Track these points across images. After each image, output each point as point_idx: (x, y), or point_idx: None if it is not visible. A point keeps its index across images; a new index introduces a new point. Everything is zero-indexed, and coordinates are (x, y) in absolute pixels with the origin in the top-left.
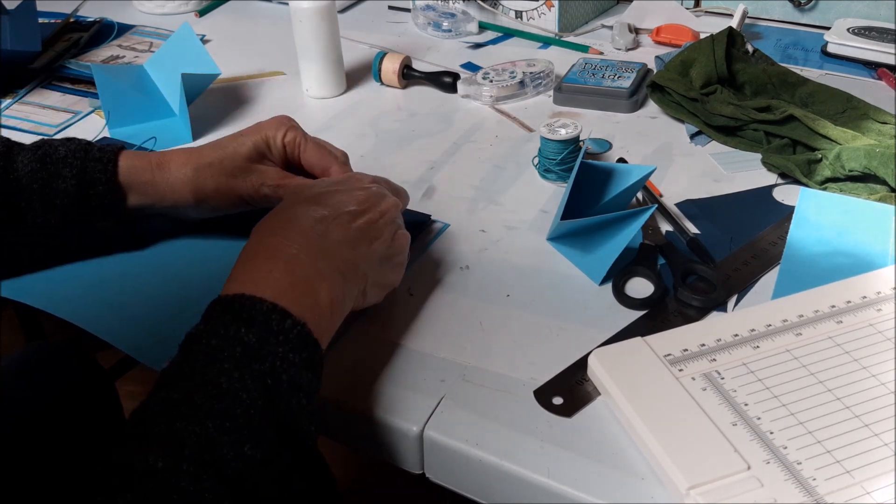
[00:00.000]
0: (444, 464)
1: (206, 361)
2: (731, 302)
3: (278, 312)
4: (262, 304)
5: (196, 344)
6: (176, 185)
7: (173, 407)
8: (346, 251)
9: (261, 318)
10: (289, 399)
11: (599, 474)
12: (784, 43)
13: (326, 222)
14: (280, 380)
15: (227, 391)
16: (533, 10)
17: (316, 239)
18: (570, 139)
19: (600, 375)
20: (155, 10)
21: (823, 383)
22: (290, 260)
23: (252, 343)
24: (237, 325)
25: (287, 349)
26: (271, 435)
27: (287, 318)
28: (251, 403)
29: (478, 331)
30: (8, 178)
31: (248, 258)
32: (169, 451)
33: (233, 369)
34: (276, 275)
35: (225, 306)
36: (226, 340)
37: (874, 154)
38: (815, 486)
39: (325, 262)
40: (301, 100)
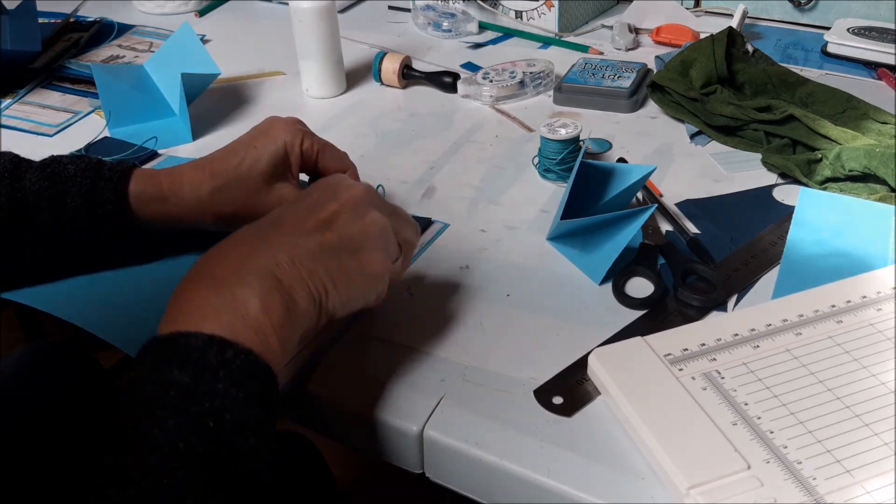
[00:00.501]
0: (444, 464)
1: (139, 413)
2: (731, 302)
3: (216, 344)
4: (196, 338)
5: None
6: (191, 209)
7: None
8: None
9: (196, 354)
10: (234, 440)
11: (599, 474)
12: (784, 43)
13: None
14: (223, 420)
15: (162, 445)
16: (533, 10)
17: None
18: (570, 139)
19: (600, 375)
20: (155, 10)
21: (823, 383)
22: (220, 282)
23: (187, 384)
24: (169, 366)
25: (228, 384)
26: (215, 488)
27: (227, 349)
28: (189, 453)
29: (478, 331)
30: (15, 197)
31: (176, 293)
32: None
33: (167, 417)
34: (202, 303)
35: (157, 348)
36: (158, 385)
37: (874, 154)
38: (815, 485)
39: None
40: (301, 100)
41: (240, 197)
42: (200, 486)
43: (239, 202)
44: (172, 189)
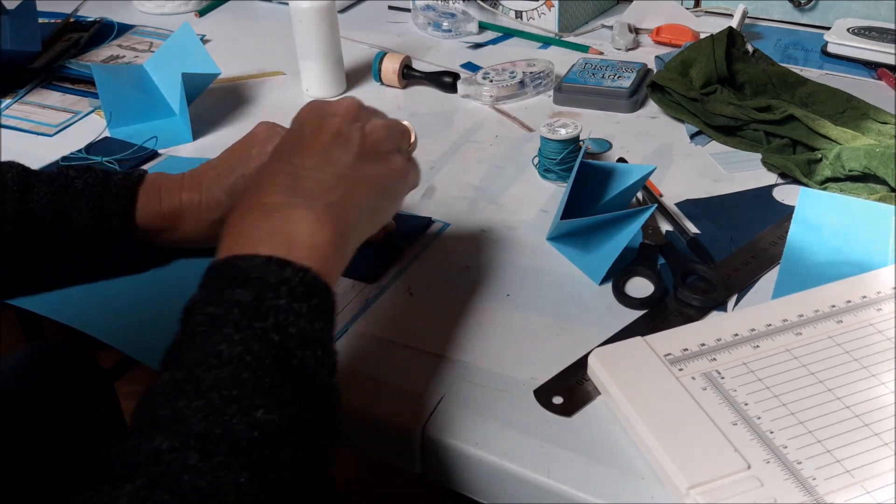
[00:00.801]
0: (444, 464)
1: (204, 332)
2: (731, 302)
3: (274, 263)
4: (255, 259)
5: (193, 315)
6: (191, 236)
7: (176, 386)
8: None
9: (256, 273)
10: (301, 353)
11: (599, 474)
12: (784, 43)
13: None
14: (288, 333)
15: (230, 358)
16: (533, 10)
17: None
18: (570, 139)
19: (600, 375)
20: (155, 10)
21: (823, 383)
22: (271, 209)
23: (249, 301)
24: (230, 287)
25: (290, 300)
26: (287, 395)
27: (286, 268)
28: (257, 365)
29: (478, 331)
30: (22, 211)
31: (229, 220)
32: (174, 431)
33: (233, 333)
34: (257, 227)
35: (217, 270)
36: (221, 305)
37: (874, 154)
38: (815, 485)
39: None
40: (301, 100)
41: None
42: (270, 395)
43: None
44: (173, 215)
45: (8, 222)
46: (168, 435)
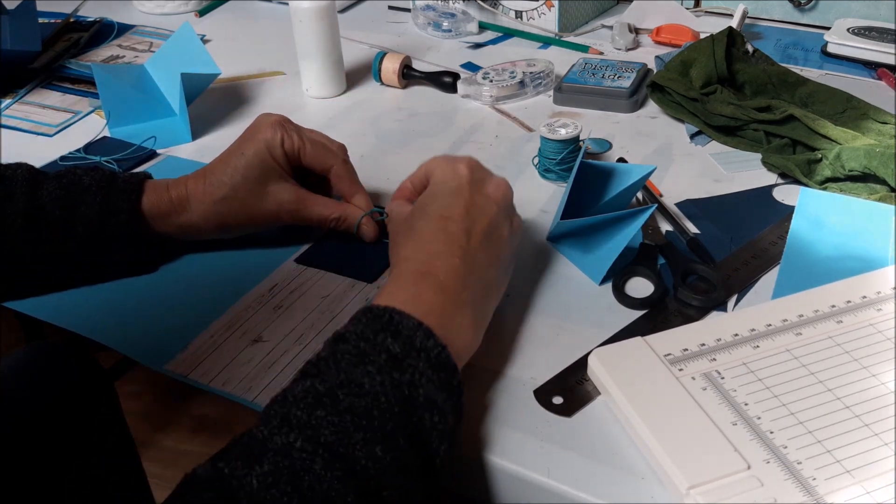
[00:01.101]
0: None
1: (351, 361)
2: (731, 302)
3: (423, 330)
4: (409, 319)
5: (344, 343)
6: (198, 224)
7: (316, 396)
8: (483, 273)
9: (406, 332)
10: (422, 413)
11: (599, 474)
12: (784, 43)
13: (460, 242)
14: (417, 392)
15: (369, 392)
16: (533, 10)
17: (458, 265)
18: (570, 139)
19: (600, 375)
20: (155, 10)
21: (823, 383)
22: (437, 286)
23: (396, 353)
24: (384, 333)
25: (426, 365)
26: (402, 443)
27: (430, 338)
28: (388, 408)
29: None
30: (32, 206)
31: (400, 279)
32: (308, 435)
33: (375, 373)
34: (424, 298)
35: (376, 315)
36: (373, 345)
37: (874, 154)
38: (815, 485)
39: (467, 290)
40: (301, 100)
41: (239, 206)
42: (390, 439)
43: (239, 211)
44: (180, 202)
45: (18, 217)
46: (301, 435)
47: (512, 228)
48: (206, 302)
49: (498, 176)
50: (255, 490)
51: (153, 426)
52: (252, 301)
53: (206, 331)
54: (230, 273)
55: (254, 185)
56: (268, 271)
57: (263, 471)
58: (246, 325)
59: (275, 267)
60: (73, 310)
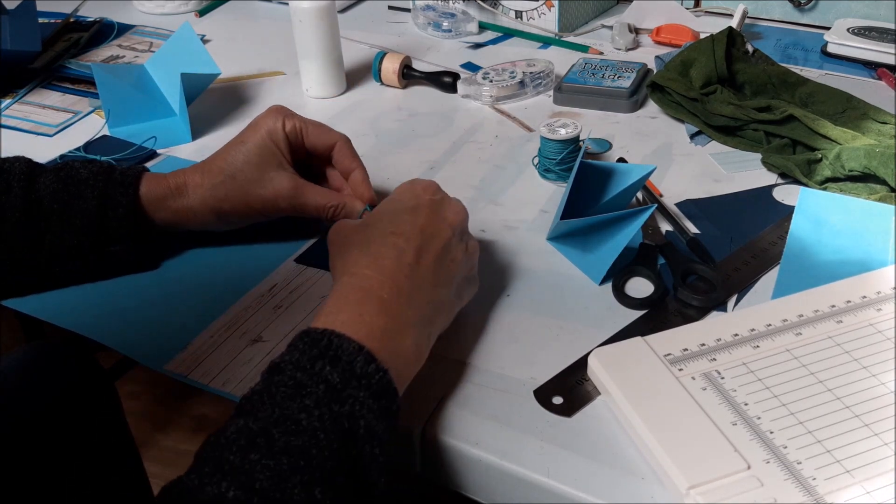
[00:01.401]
0: (444, 463)
1: (287, 395)
2: (731, 302)
3: (364, 355)
4: (349, 343)
5: (280, 374)
6: (195, 209)
7: (250, 438)
8: (430, 294)
9: (346, 357)
10: (362, 446)
11: (599, 474)
12: (784, 43)
13: (409, 260)
14: (357, 425)
15: (306, 429)
16: (533, 10)
17: (404, 284)
18: (570, 139)
19: (600, 375)
20: (155, 10)
21: (823, 383)
22: (381, 305)
23: (335, 383)
24: (322, 361)
25: (367, 395)
26: (342, 481)
27: (371, 363)
28: (327, 445)
29: (478, 331)
30: (29, 199)
31: (342, 295)
32: (241, 482)
33: (313, 407)
34: (366, 318)
35: (314, 340)
36: (310, 376)
37: (874, 154)
38: (815, 485)
39: (413, 310)
40: (301, 100)
41: (236, 192)
42: (329, 479)
43: (236, 198)
44: (178, 189)
45: (16, 211)
46: (234, 483)
47: (467, 252)
48: (205, 302)
49: (455, 199)
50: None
51: (153, 426)
52: (252, 301)
53: (205, 331)
54: (230, 273)
55: (252, 170)
56: (268, 271)
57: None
58: (246, 325)
59: (275, 267)
60: (72, 310)
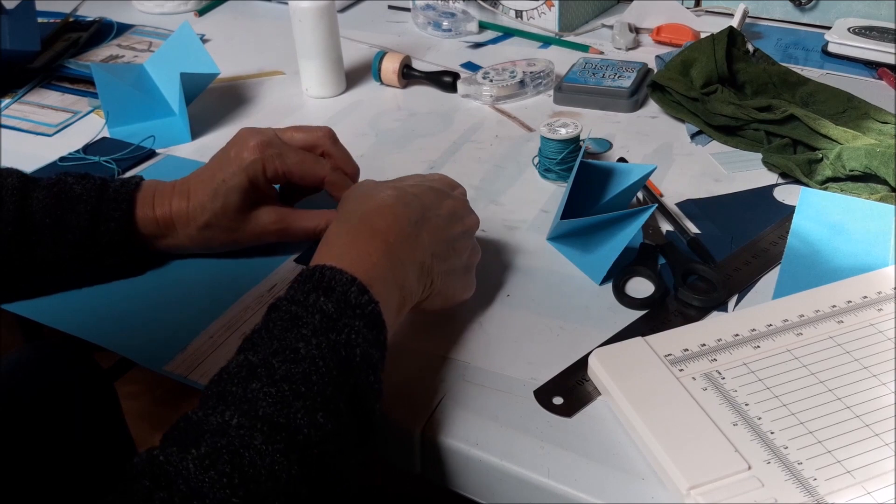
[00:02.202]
0: (444, 464)
1: (285, 327)
2: (732, 302)
3: (357, 286)
4: (342, 275)
5: (276, 311)
6: (183, 244)
7: (251, 369)
8: (428, 256)
9: (340, 288)
10: (359, 373)
11: (599, 474)
12: (785, 42)
13: (420, 225)
14: (354, 353)
15: (305, 357)
16: (533, 10)
17: (410, 237)
18: (571, 139)
19: (600, 375)
20: (154, 10)
21: (824, 383)
22: (387, 248)
23: (330, 312)
24: (316, 293)
25: (362, 324)
26: (342, 406)
27: (364, 294)
28: (326, 372)
29: (478, 331)
30: (22, 214)
31: (351, 234)
32: (244, 410)
33: (311, 336)
34: (373, 258)
35: (306, 276)
36: (305, 308)
37: (875, 154)
38: (815, 486)
39: (411, 259)
40: (301, 99)
41: (222, 233)
42: (330, 403)
43: (222, 237)
44: (165, 223)
45: (8, 225)
46: (237, 411)
47: (470, 251)
48: (205, 302)
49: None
50: (192, 473)
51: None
52: (251, 301)
53: (205, 331)
54: (229, 273)
55: (234, 213)
56: (267, 272)
57: (200, 453)
58: (245, 326)
59: (274, 267)
60: (71, 313)
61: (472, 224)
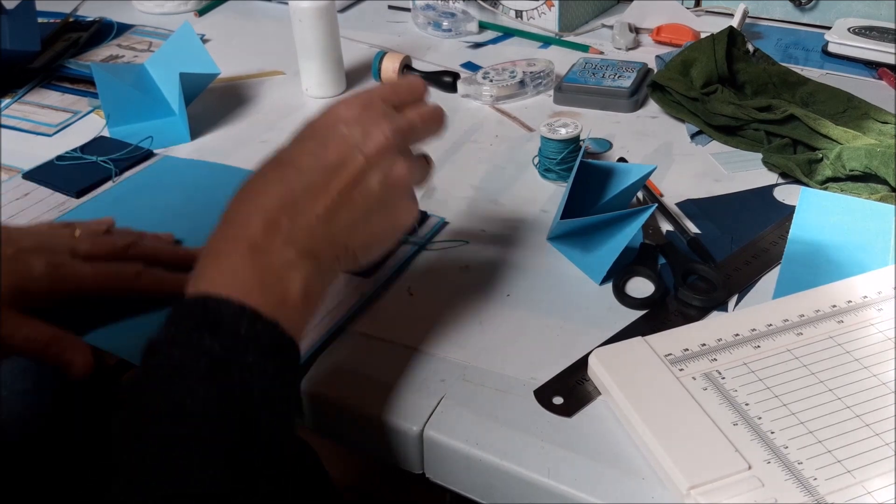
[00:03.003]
0: (444, 464)
1: (167, 377)
2: (732, 302)
3: (247, 315)
4: (228, 306)
5: (157, 356)
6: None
7: (137, 434)
8: (318, 229)
9: (227, 322)
10: (260, 413)
11: (599, 474)
12: (785, 42)
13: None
14: (251, 394)
15: (192, 412)
16: (533, 10)
17: (282, 223)
18: (571, 139)
19: (601, 375)
20: (154, 10)
21: (824, 383)
22: (255, 250)
23: (217, 353)
24: (200, 332)
25: (258, 356)
26: (243, 454)
27: (257, 321)
28: (220, 423)
29: (478, 331)
30: None
31: (211, 250)
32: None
33: (197, 386)
34: (240, 271)
35: (188, 310)
36: (188, 350)
37: (875, 154)
38: (815, 485)
39: (292, 247)
40: (301, 99)
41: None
42: (228, 455)
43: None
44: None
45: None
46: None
47: (388, 180)
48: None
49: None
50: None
51: None
52: None
53: None
54: None
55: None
56: None
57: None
58: None
59: None
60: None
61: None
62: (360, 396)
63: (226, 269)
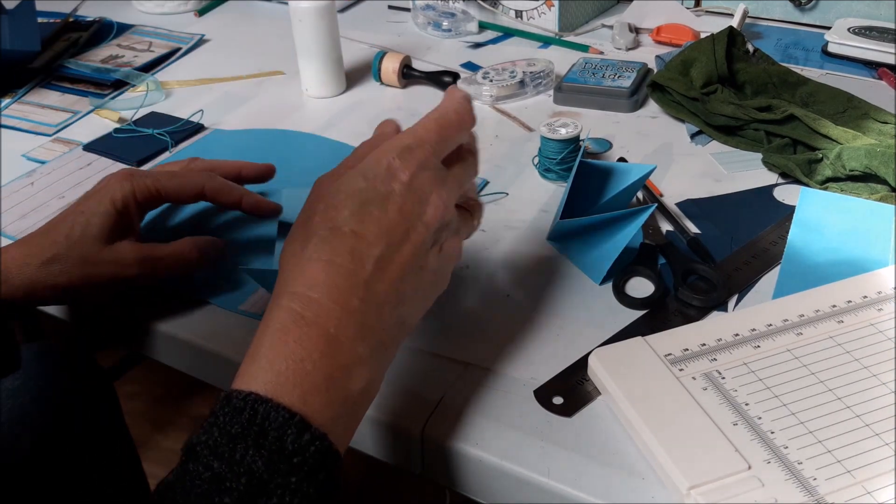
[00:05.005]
0: (444, 464)
1: (204, 493)
2: (732, 302)
3: (296, 426)
4: (277, 413)
5: (196, 459)
6: (22, 289)
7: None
8: (388, 314)
9: (274, 434)
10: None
11: (599, 474)
12: (784, 42)
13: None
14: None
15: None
16: (533, 10)
17: (358, 309)
18: (571, 139)
19: (601, 375)
20: (154, 10)
21: (824, 383)
22: (329, 342)
23: (259, 472)
24: (245, 443)
25: (301, 477)
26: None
27: (305, 433)
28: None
29: (478, 331)
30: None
31: (275, 333)
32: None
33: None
34: (307, 366)
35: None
36: (230, 466)
37: (875, 154)
38: (815, 485)
39: (366, 342)
40: (300, 99)
41: (74, 266)
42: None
43: (74, 271)
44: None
45: None
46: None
47: (441, 255)
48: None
49: (443, 189)
50: None
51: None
52: None
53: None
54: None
55: (94, 242)
56: None
57: None
58: None
59: None
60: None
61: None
62: None
63: (292, 364)
